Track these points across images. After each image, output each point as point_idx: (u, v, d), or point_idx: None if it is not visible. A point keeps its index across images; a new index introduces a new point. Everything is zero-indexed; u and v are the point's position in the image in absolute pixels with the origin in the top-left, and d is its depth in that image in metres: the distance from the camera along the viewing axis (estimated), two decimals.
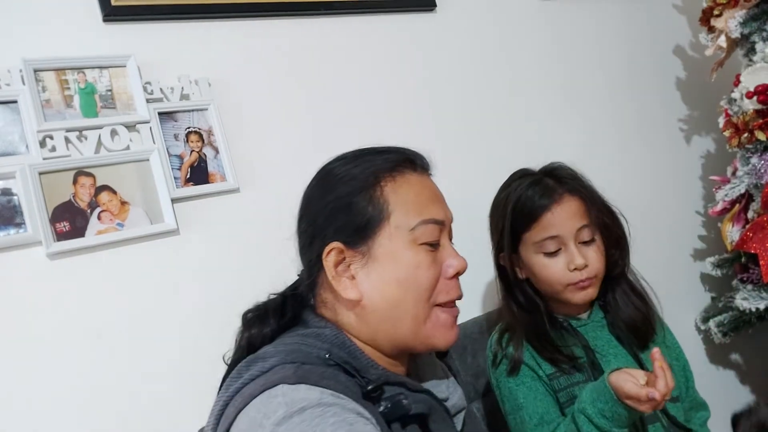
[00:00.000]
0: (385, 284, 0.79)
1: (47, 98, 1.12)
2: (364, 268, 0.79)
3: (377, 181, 0.80)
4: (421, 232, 0.80)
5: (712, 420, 1.24)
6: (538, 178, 1.14)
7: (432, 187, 0.85)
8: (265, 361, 0.74)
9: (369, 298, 0.79)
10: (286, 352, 0.75)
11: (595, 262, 1.10)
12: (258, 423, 0.66)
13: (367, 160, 0.83)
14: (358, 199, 0.80)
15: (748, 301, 1.53)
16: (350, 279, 0.79)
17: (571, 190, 1.11)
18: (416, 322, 0.79)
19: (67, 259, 1.09)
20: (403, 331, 0.80)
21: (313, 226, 0.83)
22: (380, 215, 0.79)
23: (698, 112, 1.95)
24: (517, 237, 1.13)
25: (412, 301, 0.79)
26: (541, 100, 1.70)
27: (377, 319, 0.79)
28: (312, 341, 0.77)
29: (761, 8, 1.53)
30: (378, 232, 0.79)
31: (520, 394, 1.09)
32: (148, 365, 1.12)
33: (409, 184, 0.82)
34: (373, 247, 0.79)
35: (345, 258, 0.79)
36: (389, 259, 0.79)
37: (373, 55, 1.49)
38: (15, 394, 1.02)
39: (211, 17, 1.31)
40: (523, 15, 1.72)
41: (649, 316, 1.15)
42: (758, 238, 1.49)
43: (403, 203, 0.80)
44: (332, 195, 0.82)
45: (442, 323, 0.81)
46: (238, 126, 1.29)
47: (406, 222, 0.79)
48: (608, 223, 1.14)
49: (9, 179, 1.07)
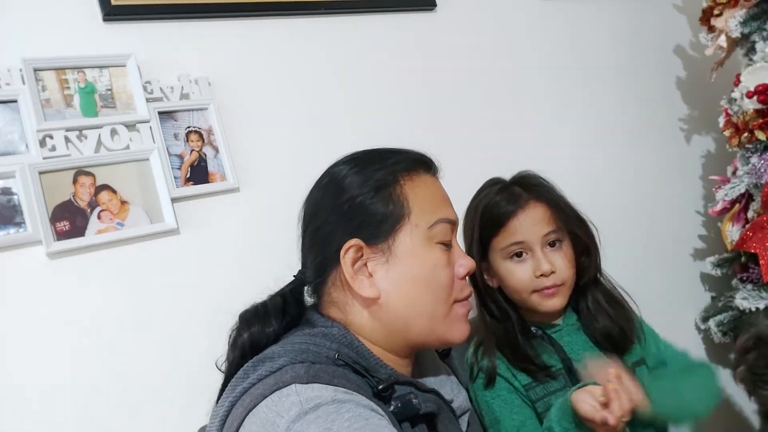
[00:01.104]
0: (405, 282, 0.79)
1: (47, 98, 1.12)
2: (383, 265, 0.80)
3: (396, 180, 0.81)
4: (437, 230, 0.81)
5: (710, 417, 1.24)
6: (505, 185, 1.16)
7: (442, 188, 0.88)
8: (274, 361, 0.74)
9: (387, 296, 0.79)
10: (295, 351, 0.75)
11: (563, 269, 1.09)
12: (271, 422, 0.66)
13: (384, 160, 0.84)
14: (378, 198, 0.80)
15: (748, 300, 1.53)
16: (368, 277, 0.80)
17: (537, 196, 1.12)
18: (434, 320, 0.81)
19: (67, 259, 1.09)
20: (418, 329, 0.81)
21: (328, 224, 0.82)
22: (401, 213, 0.80)
23: (698, 112, 1.95)
24: (485, 244, 1.13)
25: (431, 300, 0.80)
26: (542, 100, 1.70)
27: (392, 317, 0.80)
28: (320, 341, 0.77)
29: (761, 8, 1.53)
30: (399, 230, 0.80)
31: (496, 407, 1.07)
32: (147, 364, 1.12)
33: (426, 184, 0.84)
34: (393, 244, 0.80)
35: (362, 256, 0.80)
36: (410, 256, 0.80)
37: (372, 54, 1.48)
38: (14, 393, 1.02)
39: (211, 17, 1.31)
40: (523, 15, 1.72)
41: (624, 326, 1.13)
42: (758, 238, 1.49)
43: (422, 202, 0.81)
44: (348, 194, 0.82)
45: (459, 317, 0.84)
46: (238, 125, 1.29)
47: (425, 220, 0.81)
48: (577, 230, 1.13)
49: (9, 179, 1.07)
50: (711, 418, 1.23)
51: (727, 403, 1.81)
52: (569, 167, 1.62)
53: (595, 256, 1.16)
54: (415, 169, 0.84)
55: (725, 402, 1.81)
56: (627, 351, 1.13)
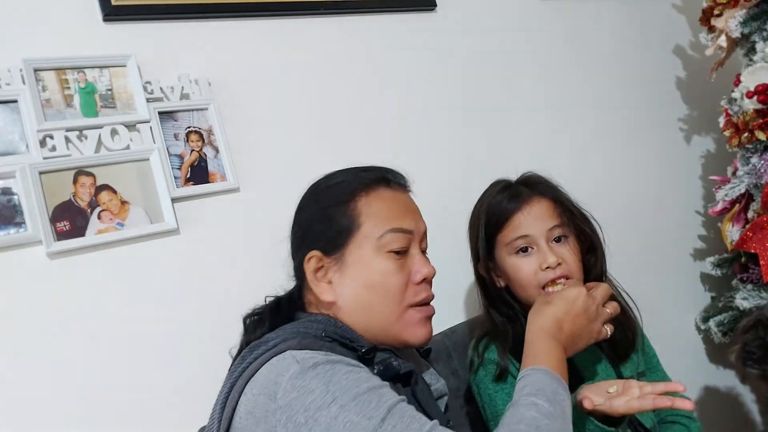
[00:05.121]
0: (356, 288, 0.89)
1: (47, 98, 1.12)
2: (338, 273, 0.89)
3: (353, 197, 0.90)
4: (387, 240, 0.89)
5: (711, 417, 1.24)
6: (509, 184, 1.17)
7: (405, 201, 0.95)
8: (267, 343, 0.82)
9: (343, 301, 0.89)
10: (286, 333, 0.84)
11: (569, 261, 1.09)
12: (273, 381, 0.75)
13: (347, 178, 0.94)
14: (335, 212, 0.90)
15: (748, 300, 1.53)
16: (327, 283, 0.90)
17: (541, 192, 1.13)
18: (387, 322, 0.89)
19: (67, 259, 1.09)
20: (374, 330, 0.89)
21: (299, 234, 0.94)
22: (352, 226, 0.89)
23: (698, 112, 1.95)
24: (490, 241, 1.14)
25: (381, 304, 0.88)
26: (541, 100, 1.70)
27: (351, 319, 0.89)
28: (308, 324, 0.87)
29: (761, 8, 1.53)
30: (351, 241, 0.89)
31: (498, 400, 1.08)
32: (147, 364, 1.12)
33: (381, 199, 0.91)
34: (346, 254, 0.89)
35: (323, 265, 0.90)
36: (359, 265, 0.89)
37: (372, 54, 1.49)
38: (14, 393, 1.02)
39: (211, 17, 1.31)
40: (524, 15, 1.72)
41: (627, 330, 1.14)
42: (758, 238, 1.49)
43: (375, 215, 0.89)
44: (315, 207, 0.94)
45: (415, 321, 0.90)
46: (238, 125, 1.29)
47: (375, 231, 0.89)
48: (582, 227, 1.14)
49: (9, 179, 1.07)
50: (713, 418, 1.24)
51: (729, 403, 1.81)
52: (569, 167, 1.62)
53: (601, 254, 1.16)
54: (374, 186, 0.92)
55: (728, 401, 1.81)
56: (628, 358, 1.13)
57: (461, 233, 1.22)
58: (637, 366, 1.15)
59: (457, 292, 1.44)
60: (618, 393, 0.88)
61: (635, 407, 0.85)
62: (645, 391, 0.86)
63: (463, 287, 1.44)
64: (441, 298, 1.39)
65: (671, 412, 1.19)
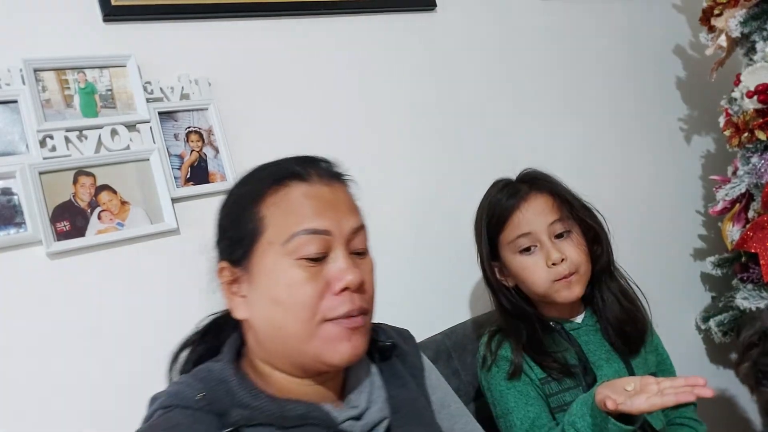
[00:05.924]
0: (264, 303, 0.75)
1: (47, 98, 1.12)
2: (248, 286, 0.76)
3: (258, 197, 0.77)
4: (296, 245, 0.74)
5: (711, 418, 1.24)
6: (508, 182, 1.18)
7: (323, 196, 0.77)
8: (155, 402, 0.75)
9: (254, 318, 0.76)
10: (169, 394, 0.75)
11: (573, 255, 1.09)
12: None
13: (255, 177, 0.80)
14: (242, 216, 0.77)
15: (748, 300, 1.53)
16: (242, 298, 0.77)
17: (539, 188, 1.13)
18: (300, 341, 0.74)
19: (67, 259, 1.09)
20: (289, 351, 0.75)
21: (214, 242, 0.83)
22: (255, 232, 0.75)
23: (698, 112, 1.95)
24: (494, 242, 1.14)
25: (290, 321, 0.73)
26: (541, 100, 1.70)
27: (265, 338, 0.76)
28: (193, 382, 0.75)
29: (761, 7, 1.53)
30: (255, 249, 0.75)
31: (510, 398, 1.08)
32: (147, 365, 1.12)
33: (289, 197, 0.76)
34: (251, 265, 0.76)
35: (237, 276, 0.77)
36: (264, 277, 0.75)
37: (372, 54, 1.48)
38: (14, 392, 1.02)
39: (211, 17, 1.31)
40: (524, 14, 1.72)
41: (637, 320, 1.14)
42: (758, 238, 1.49)
43: (282, 216, 0.75)
44: (223, 213, 0.82)
45: (333, 338, 0.74)
46: (238, 126, 1.29)
47: (279, 236, 0.74)
48: (585, 218, 1.14)
49: (9, 179, 1.06)
50: (712, 418, 1.23)
51: (729, 403, 1.81)
52: (569, 167, 1.61)
53: (606, 244, 1.16)
54: (285, 182, 0.77)
55: (728, 401, 1.81)
56: (641, 347, 1.14)
57: (460, 232, 1.22)
58: (648, 365, 1.15)
59: (458, 291, 1.44)
60: (636, 391, 0.85)
61: (657, 404, 0.83)
62: (664, 387, 0.84)
63: (464, 287, 1.44)
64: (441, 298, 1.40)
65: (679, 414, 1.19)
